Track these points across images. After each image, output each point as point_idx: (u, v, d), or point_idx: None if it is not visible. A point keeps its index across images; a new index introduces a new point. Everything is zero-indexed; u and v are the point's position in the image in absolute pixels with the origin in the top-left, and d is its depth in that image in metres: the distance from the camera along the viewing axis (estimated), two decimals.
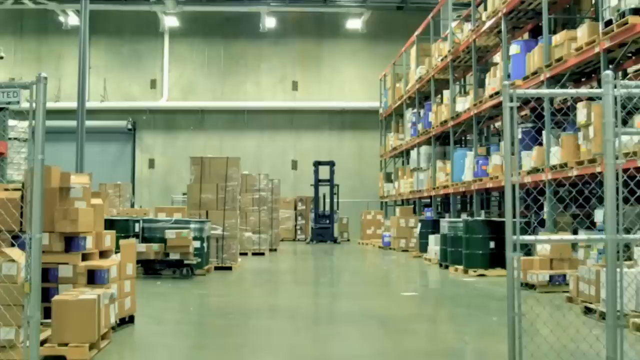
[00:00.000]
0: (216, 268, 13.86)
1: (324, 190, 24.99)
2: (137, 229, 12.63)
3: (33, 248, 4.50)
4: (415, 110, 22.69)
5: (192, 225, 12.75)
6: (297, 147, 29.00)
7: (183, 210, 14.77)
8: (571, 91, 12.91)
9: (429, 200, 21.39)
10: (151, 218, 13.31)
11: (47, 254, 6.58)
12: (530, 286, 10.54)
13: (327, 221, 24.71)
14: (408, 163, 23.76)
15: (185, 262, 12.26)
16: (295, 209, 26.72)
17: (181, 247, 12.18)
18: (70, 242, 6.84)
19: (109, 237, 7.49)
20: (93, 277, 6.79)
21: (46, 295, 6.63)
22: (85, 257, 7.02)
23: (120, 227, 12.32)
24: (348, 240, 26.27)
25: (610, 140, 4.53)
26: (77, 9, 21.74)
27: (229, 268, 14.04)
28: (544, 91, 5.24)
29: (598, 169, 10.75)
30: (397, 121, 25.77)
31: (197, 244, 12.65)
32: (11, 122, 17.00)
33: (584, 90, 5.64)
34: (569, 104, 15.80)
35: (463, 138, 21.68)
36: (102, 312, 6.11)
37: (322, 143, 28.82)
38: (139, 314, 7.61)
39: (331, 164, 24.87)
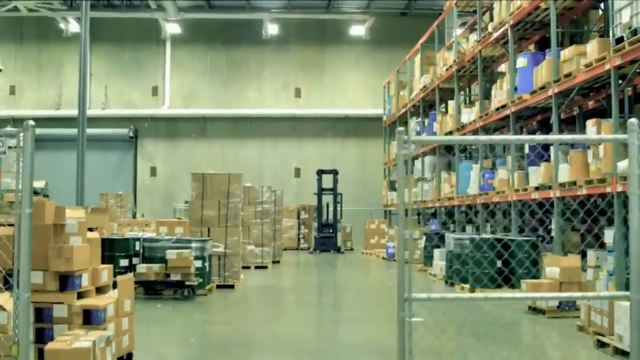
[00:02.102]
0: (218, 286, 13.58)
1: (327, 198, 24.71)
2: (137, 248, 12.40)
3: (21, 308, 4.26)
4: (419, 119, 22.42)
5: (193, 245, 12.49)
6: (300, 154, 28.74)
7: (185, 224, 14.53)
8: (552, 137, 12.64)
9: (433, 210, 21.11)
10: (152, 237, 13.05)
11: (41, 293, 6.35)
12: (538, 311, 10.29)
13: (331, 230, 24.43)
14: (412, 172, 23.49)
15: (187, 283, 12.02)
16: (298, 217, 26.43)
17: (182, 267, 11.93)
18: (65, 280, 6.57)
19: (105, 273, 7.22)
20: (89, 317, 6.53)
21: (40, 336, 6.40)
22: (81, 294, 6.75)
23: (121, 247, 12.14)
24: (351, 249, 25.97)
25: (636, 194, 4.26)
26: (78, 16, 21.50)
27: (232, 286, 13.77)
28: (442, 138, 5.00)
29: (608, 189, 10.49)
30: None
31: (198, 263, 12.39)
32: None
33: (604, 136, 5.35)
34: (575, 113, 15.53)
35: (468, 148, 21.37)
36: (98, 357, 5.86)
37: (325, 150, 28.55)
38: (138, 348, 7.34)
39: (334, 172, 24.58)
